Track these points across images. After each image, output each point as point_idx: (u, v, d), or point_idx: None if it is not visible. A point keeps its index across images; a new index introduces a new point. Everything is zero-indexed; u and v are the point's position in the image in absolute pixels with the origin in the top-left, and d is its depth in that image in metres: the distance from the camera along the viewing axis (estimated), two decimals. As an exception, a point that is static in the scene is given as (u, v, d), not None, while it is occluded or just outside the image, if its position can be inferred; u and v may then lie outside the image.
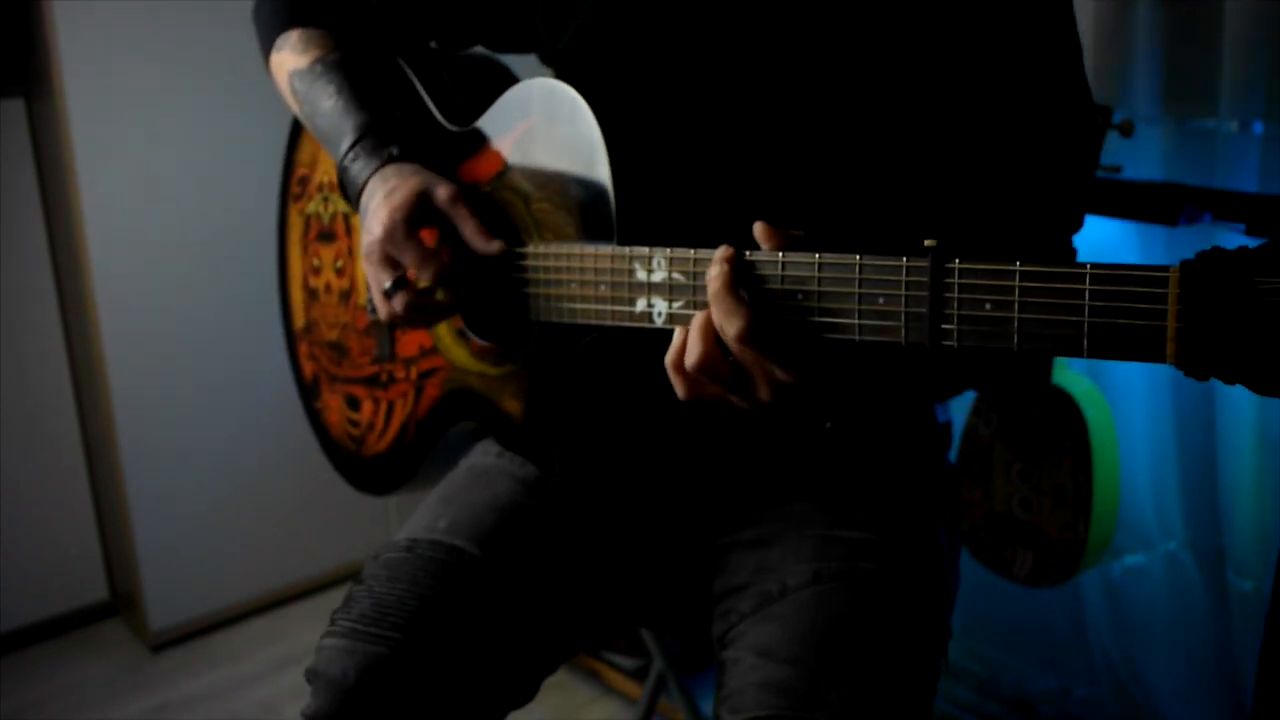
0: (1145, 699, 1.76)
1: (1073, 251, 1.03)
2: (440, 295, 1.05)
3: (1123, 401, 1.70)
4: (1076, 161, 1.00)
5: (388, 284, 1.03)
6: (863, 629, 0.95)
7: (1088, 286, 0.66)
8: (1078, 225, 1.01)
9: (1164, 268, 0.64)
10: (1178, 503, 1.72)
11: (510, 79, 1.13)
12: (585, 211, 0.94)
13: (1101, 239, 1.63)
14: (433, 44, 1.23)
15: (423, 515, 1.13)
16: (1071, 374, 1.65)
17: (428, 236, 1.05)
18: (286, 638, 2.36)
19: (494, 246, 1.01)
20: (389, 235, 1.01)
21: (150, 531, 2.27)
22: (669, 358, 0.84)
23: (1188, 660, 1.73)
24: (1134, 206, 1.49)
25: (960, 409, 1.73)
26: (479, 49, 1.23)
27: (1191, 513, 1.71)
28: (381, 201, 1.02)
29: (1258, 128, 1.52)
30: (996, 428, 1.68)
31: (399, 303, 1.03)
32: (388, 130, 1.08)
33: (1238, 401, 1.57)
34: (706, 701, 1.14)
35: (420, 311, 1.05)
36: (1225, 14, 1.48)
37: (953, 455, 1.21)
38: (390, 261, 1.03)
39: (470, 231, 1.02)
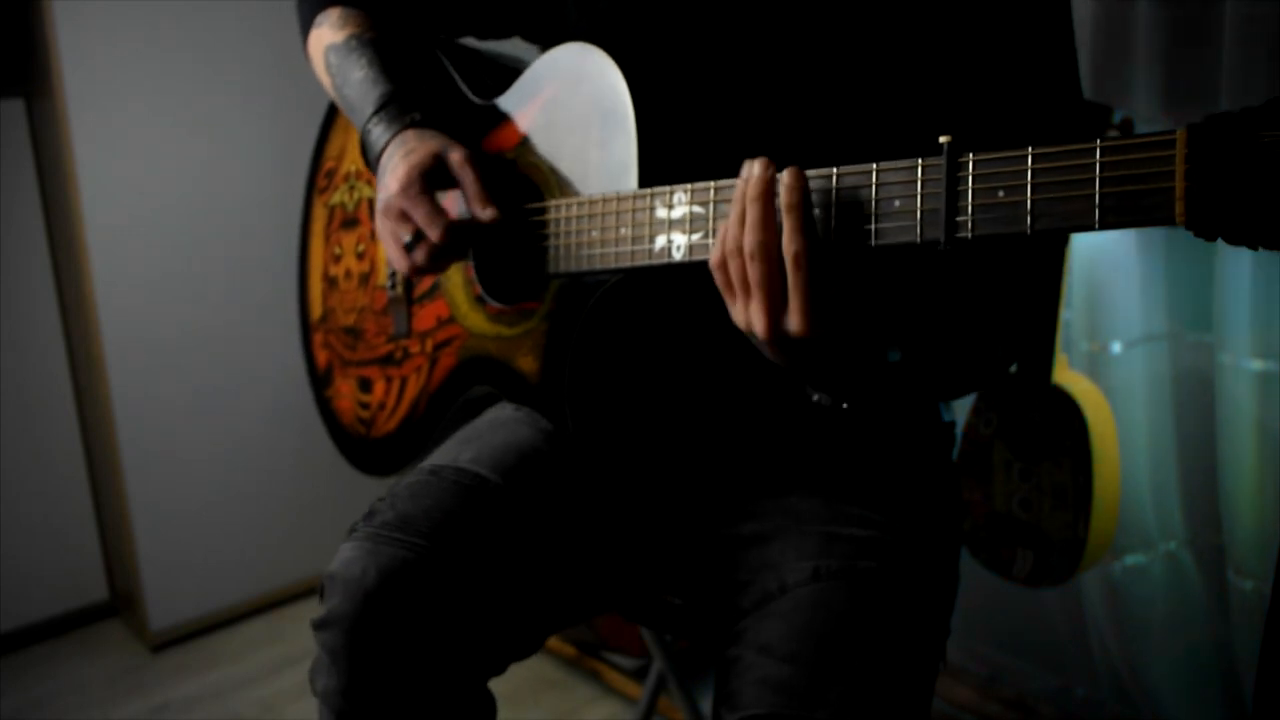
0: (1145, 699, 1.76)
1: None
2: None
3: (1123, 401, 1.70)
4: None
5: (408, 237, 1.05)
6: (863, 627, 0.95)
7: (1098, 160, 0.68)
8: None
9: (1171, 132, 0.65)
10: (1178, 503, 1.72)
11: None
12: (608, 163, 0.97)
13: (1101, 239, 1.63)
14: (469, 39, 1.25)
15: (444, 451, 1.13)
16: (1072, 374, 1.65)
17: (447, 201, 1.08)
18: (286, 638, 2.36)
19: (488, 213, 1.03)
20: (404, 189, 1.04)
21: (150, 531, 2.27)
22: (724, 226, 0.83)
23: (1188, 660, 1.73)
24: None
25: (960, 409, 1.73)
26: (511, 45, 1.25)
27: (1191, 513, 1.71)
28: (400, 160, 1.05)
29: (1257, 127, 1.52)
30: (996, 428, 1.68)
31: (421, 254, 1.05)
32: (411, 99, 1.11)
33: (1238, 401, 1.57)
34: (707, 701, 1.14)
35: (440, 258, 1.07)
36: (1225, 14, 1.48)
37: (953, 455, 1.21)
38: (404, 216, 1.05)
39: (471, 195, 1.04)
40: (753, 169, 0.81)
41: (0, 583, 2.25)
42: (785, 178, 0.80)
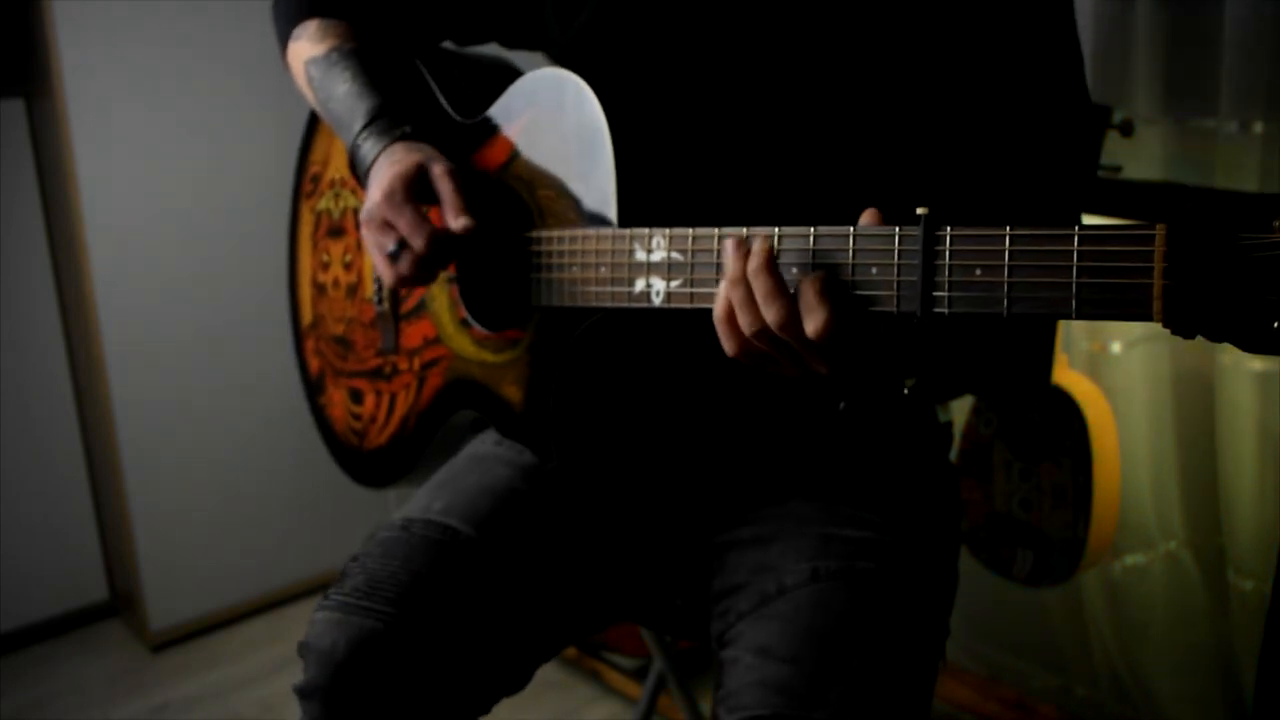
0: (1145, 699, 1.76)
1: None
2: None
3: (1123, 401, 1.70)
4: (1073, 159, 1.00)
5: (392, 247, 1.02)
6: (862, 628, 0.95)
7: (1075, 248, 0.67)
8: (1075, 224, 1.02)
9: (1150, 225, 0.64)
10: (1178, 503, 1.72)
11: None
12: (587, 197, 0.95)
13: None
14: (447, 43, 1.24)
15: (420, 498, 1.14)
16: (1072, 374, 1.65)
17: (433, 213, 1.06)
18: (286, 638, 2.35)
19: (461, 222, 1.00)
20: (387, 198, 1.01)
21: (150, 531, 2.26)
22: (719, 311, 0.81)
23: (1188, 660, 1.73)
24: (1134, 206, 1.49)
25: (960, 409, 1.73)
26: (492, 49, 1.23)
27: (1191, 513, 1.71)
28: (384, 169, 1.03)
29: (1258, 127, 1.52)
30: (996, 428, 1.68)
31: (405, 264, 1.03)
32: (400, 112, 1.10)
33: (1238, 401, 1.57)
34: (707, 701, 1.14)
35: (424, 269, 1.04)
36: (1225, 14, 1.48)
37: (953, 455, 1.21)
38: (388, 226, 1.02)
39: (448, 204, 1.01)
40: (751, 244, 0.79)
41: (0, 583, 2.25)
42: (755, 244, 0.78)
